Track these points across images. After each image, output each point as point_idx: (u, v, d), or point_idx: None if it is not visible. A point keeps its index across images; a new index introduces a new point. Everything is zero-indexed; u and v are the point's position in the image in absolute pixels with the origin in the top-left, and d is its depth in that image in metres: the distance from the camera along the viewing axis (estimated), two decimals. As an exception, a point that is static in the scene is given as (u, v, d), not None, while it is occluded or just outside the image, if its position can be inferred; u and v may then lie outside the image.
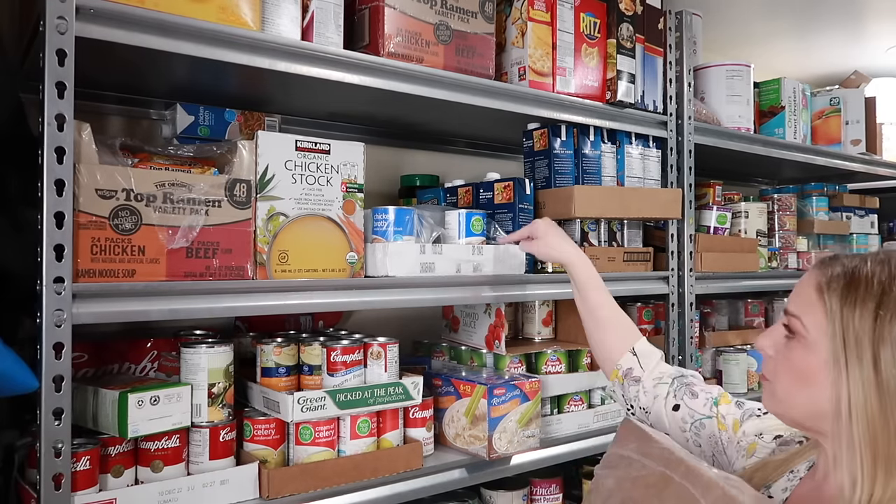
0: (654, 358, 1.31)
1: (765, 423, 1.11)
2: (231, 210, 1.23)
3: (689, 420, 1.19)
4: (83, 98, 1.18)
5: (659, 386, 1.26)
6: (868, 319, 0.83)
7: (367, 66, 1.40)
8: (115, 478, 1.18)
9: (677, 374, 1.28)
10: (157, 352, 1.42)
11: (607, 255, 1.79)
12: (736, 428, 1.14)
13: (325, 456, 1.36)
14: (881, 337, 0.82)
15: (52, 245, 1.02)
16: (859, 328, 0.83)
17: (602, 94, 1.81)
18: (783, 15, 2.65)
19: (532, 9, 1.68)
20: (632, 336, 1.34)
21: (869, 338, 0.83)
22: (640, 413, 1.28)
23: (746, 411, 1.16)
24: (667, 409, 1.22)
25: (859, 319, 0.84)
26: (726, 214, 2.18)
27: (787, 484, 0.99)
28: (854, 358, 0.83)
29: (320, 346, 1.39)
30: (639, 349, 1.32)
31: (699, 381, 1.26)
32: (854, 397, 0.83)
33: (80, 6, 1.05)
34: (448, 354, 1.84)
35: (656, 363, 1.30)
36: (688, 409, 1.20)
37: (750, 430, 1.12)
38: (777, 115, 2.44)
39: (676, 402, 1.22)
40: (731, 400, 1.19)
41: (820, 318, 0.87)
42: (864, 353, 0.83)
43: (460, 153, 2.20)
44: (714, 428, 1.16)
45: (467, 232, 1.55)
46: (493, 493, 1.77)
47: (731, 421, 1.15)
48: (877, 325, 0.82)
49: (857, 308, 0.84)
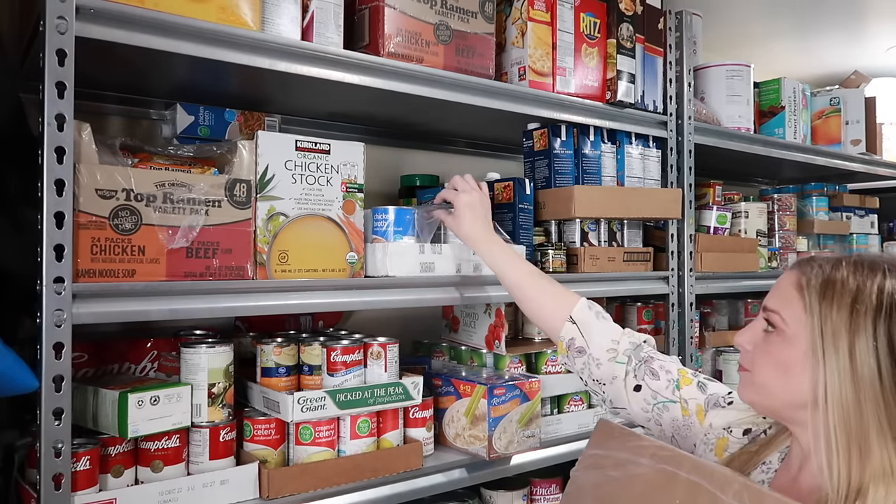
0: (592, 321, 1.28)
1: (731, 414, 1.13)
2: (231, 210, 1.23)
3: (651, 401, 1.20)
4: (83, 98, 1.18)
5: (615, 365, 1.24)
6: (844, 313, 0.88)
7: (367, 66, 1.40)
8: (115, 478, 1.18)
9: (631, 346, 1.25)
10: (157, 352, 1.42)
11: (607, 255, 1.79)
12: (700, 416, 1.16)
13: (325, 456, 1.36)
14: (857, 328, 0.87)
15: (52, 245, 1.02)
16: (836, 321, 0.88)
17: (602, 94, 1.81)
18: (783, 15, 2.65)
19: (532, 9, 1.68)
20: (568, 303, 1.31)
21: (845, 329, 0.88)
22: (593, 385, 1.27)
23: (711, 397, 1.17)
24: (627, 389, 1.22)
25: (836, 313, 0.89)
26: (726, 214, 2.18)
27: (762, 476, 1.02)
28: (831, 349, 0.88)
29: (320, 346, 1.39)
30: (576, 316, 1.29)
31: (654, 350, 1.25)
32: (830, 386, 0.87)
33: (80, 6, 1.05)
34: (448, 354, 1.84)
35: (597, 327, 1.28)
36: (650, 390, 1.21)
37: (717, 424, 1.14)
38: (777, 115, 2.44)
39: (637, 383, 1.22)
40: (692, 380, 1.20)
41: (799, 312, 0.92)
42: (840, 343, 0.88)
43: (460, 153, 2.20)
44: (677, 412, 1.18)
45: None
46: (493, 493, 1.77)
47: (695, 406, 1.17)
48: (853, 318, 0.88)
49: (834, 303, 0.90)
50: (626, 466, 0.92)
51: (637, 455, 0.92)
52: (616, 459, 0.94)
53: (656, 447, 0.92)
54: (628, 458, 0.93)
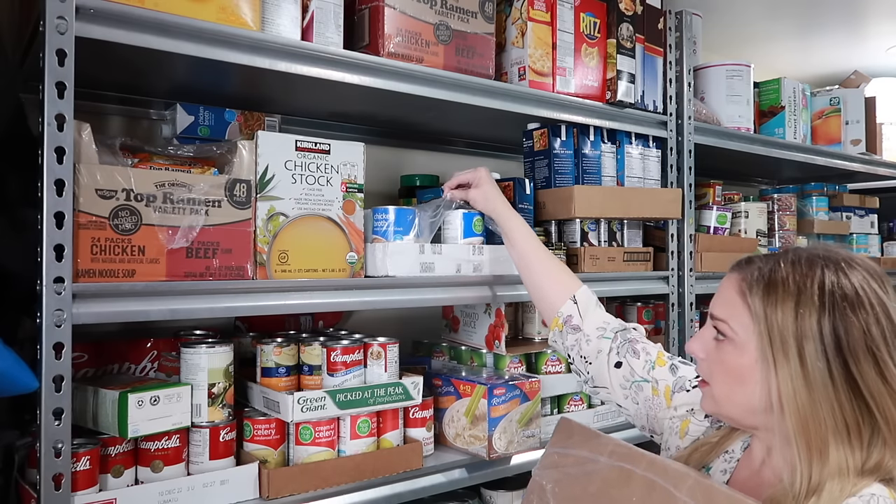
0: (592, 305, 1.34)
1: (694, 397, 1.14)
2: (231, 210, 1.23)
3: (629, 379, 1.23)
4: (83, 98, 1.18)
5: (602, 340, 1.27)
6: (790, 317, 0.89)
7: (367, 66, 1.40)
8: (115, 478, 1.18)
9: (620, 327, 1.29)
10: (157, 352, 1.42)
11: (607, 255, 1.79)
12: (668, 398, 1.18)
13: (325, 456, 1.36)
14: (803, 333, 0.88)
15: (52, 245, 1.02)
16: (783, 326, 0.89)
17: (602, 94, 1.81)
18: (783, 15, 2.65)
19: (532, 9, 1.68)
20: (573, 284, 1.37)
21: (792, 334, 0.88)
22: (580, 362, 1.30)
23: (679, 380, 1.19)
24: (609, 364, 1.25)
25: (781, 318, 0.89)
26: (726, 214, 2.18)
27: (724, 465, 1.04)
28: (781, 354, 0.89)
29: (320, 346, 1.39)
30: (579, 297, 1.34)
31: (641, 335, 1.29)
32: (784, 391, 0.88)
33: (80, 6, 1.05)
34: (448, 354, 1.84)
35: (594, 309, 1.33)
36: (629, 367, 1.23)
37: (681, 405, 1.16)
38: (777, 115, 2.44)
39: (619, 360, 1.24)
40: (666, 362, 1.22)
41: (745, 319, 0.93)
42: (789, 349, 0.88)
43: (460, 153, 2.20)
44: (649, 391, 1.20)
45: (468, 232, 1.54)
46: (493, 493, 1.77)
47: (664, 387, 1.19)
48: (798, 322, 0.88)
49: (778, 307, 0.90)
50: (585, 464, 0.94)
51: (595, 453, 0.94)
52: (576, 458, 0.95)
53: (614, 444, 0.94)
54: (587, 455, 0.94)
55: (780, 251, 0.98)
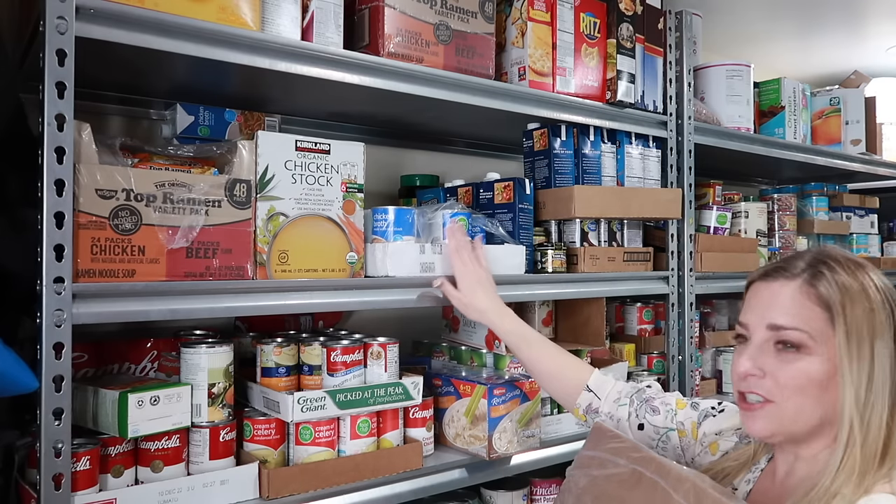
0: (607, 385, 1.32)
1: (721, 423, 1.14)
2: (231, 210, 1.23)
3: (654, 436, 1.22)
4: (83, 98, 1.18)
5: (620, 408, 1.27)
6: (866, 318, 0.89)
7: (367, 66, 1.40)
8: (115, 478, 1.18)
9: (634, 390, 1.29)
10: (157, 352, 1.42)
11: (607, 255, 1.79)
12: (694, 431, 1.17)
13: (325, 456, 1.36)
14: (874, 329, 0.89)
15: (52, 245, 1.02)
16: (860, 328, 0.89)
17: (602, 94, 1.81)
18: (783, 15, 2.65)
19: (532, 9, 1.68)
20: (582, 374, 1.34)
21: (868, 335, 0.89)
22: None
23: (702, 412, 1.19)
24: (632, 429, 1.24)
25: (861, 317, 0.89)
26: (726, 214, 2.18)
27: (749, 476, 1.04)
28: (855, 357, 0.89)
29: (320, 346, 1.39)
30: (593, 384, 1.32)
31: (658, 391, 1.29)
32: (856, 396, 0.88)
33: (80, 6, 1.05)
34: (448, 354, 1.84)
35: (611, 387, 1.31)
36: (652, 426, 1.22)
37: (710, 430, 1.15)
38: (777, 115, 2.44)
39: (640, 422, 1.24)
40: (685, 403, 1.22)
41: (820, 324, 0.91)
42: (864, 351, 0.88)
43: (460, 153, 2.20)
44: (676, 439, 1.19)
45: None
46: (493, 493, 1.77)
47: (690, 425, 1.18)
48: (870, 322, 0.89)
49: (856, 309, 0.90)
50: (607, 466, 0.97)
51: (616, 455, 0.97)
52: (600, 460, 0.98)
53: (631, 448, 0.97)
54: (609, 458, 0.97)
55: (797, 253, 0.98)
